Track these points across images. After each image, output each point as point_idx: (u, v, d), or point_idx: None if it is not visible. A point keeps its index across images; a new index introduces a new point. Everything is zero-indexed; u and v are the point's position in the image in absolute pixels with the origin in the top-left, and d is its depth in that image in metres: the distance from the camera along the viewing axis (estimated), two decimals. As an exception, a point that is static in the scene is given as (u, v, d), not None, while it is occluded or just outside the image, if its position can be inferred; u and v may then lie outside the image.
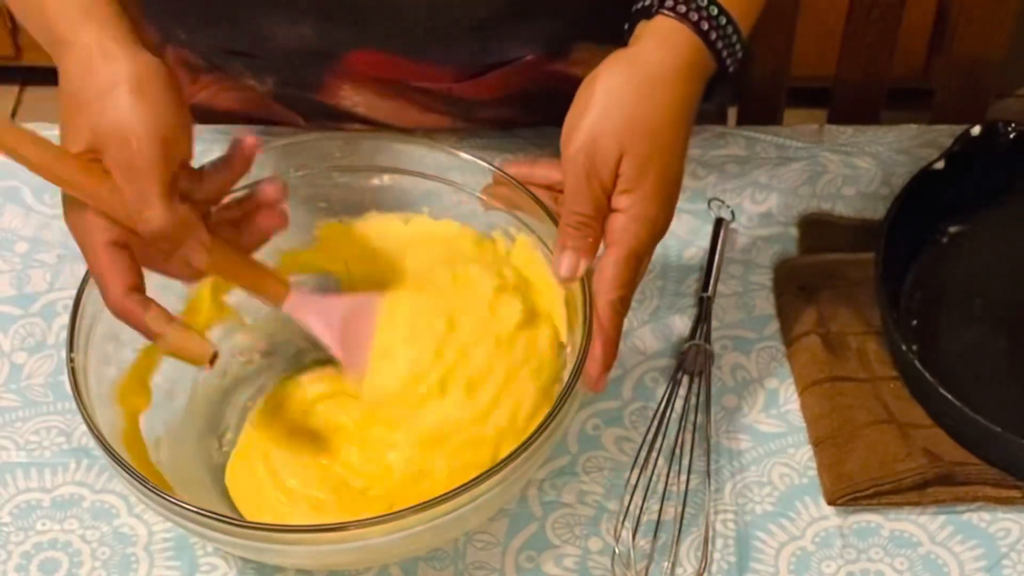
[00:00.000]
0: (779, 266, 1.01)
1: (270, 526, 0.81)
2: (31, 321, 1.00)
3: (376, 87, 1.05)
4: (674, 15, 0.85)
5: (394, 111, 1.07)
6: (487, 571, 0.87)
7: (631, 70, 0.84)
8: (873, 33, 1.30)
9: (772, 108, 1.35)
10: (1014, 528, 0.88)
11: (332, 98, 1.07)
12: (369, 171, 0.94)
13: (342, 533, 0.77)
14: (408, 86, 1.04)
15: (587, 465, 0.92)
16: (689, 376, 0.95)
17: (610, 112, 0.83)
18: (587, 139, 0.83)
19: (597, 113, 0.83)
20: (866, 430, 0.91)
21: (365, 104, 1.07)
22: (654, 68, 0.84)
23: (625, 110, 0.83)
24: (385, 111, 1.07)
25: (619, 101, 0.83)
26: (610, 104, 0.83)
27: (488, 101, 1.05)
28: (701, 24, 0.85)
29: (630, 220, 0.83)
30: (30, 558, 0.88)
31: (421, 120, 1.07)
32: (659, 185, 0.83)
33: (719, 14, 0.85)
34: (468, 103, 1.05)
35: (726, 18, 0.85)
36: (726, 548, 0.88)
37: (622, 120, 0.83)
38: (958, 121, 1.06)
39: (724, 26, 0.85)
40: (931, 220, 1.01)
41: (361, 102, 1.07)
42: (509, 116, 1.08)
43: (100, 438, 0.79)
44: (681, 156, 0.85)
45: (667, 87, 0.84)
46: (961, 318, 0.98)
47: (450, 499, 0.76)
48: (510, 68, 1.02)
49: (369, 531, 0.77)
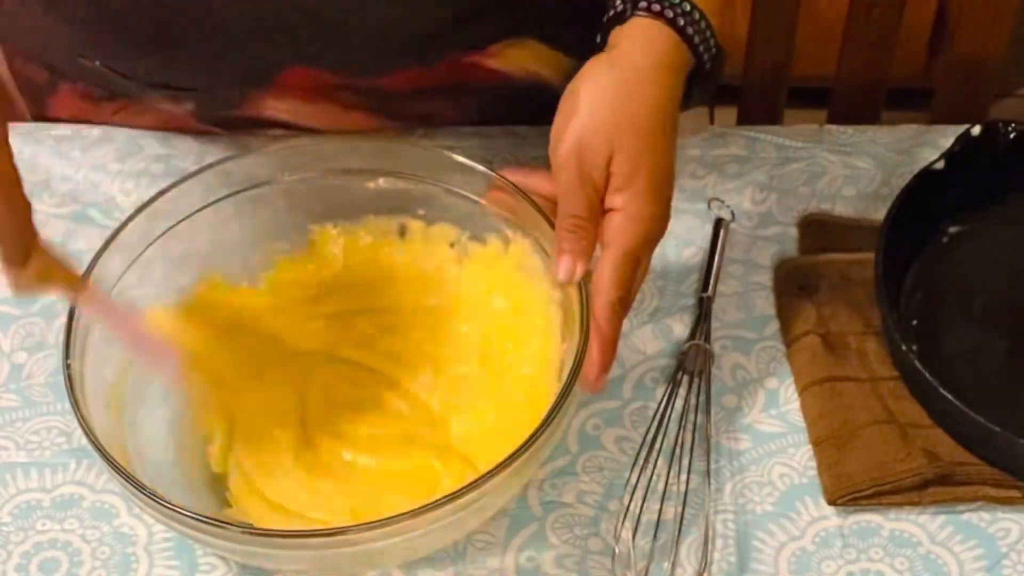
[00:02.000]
0: (779, 266, 1.01)
1: (266, 532, 0.81)
2: (31, 321, 1.00)
3: (300, 94, 1.05)
4: (648, 14, 0.86)
5: (317, 113, 1.06)
6: (487, 571, 0.87)
7: (612, 71, 0.86)
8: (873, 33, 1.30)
9: (772, 108, 1.36)
10: (1014, 528, 0.88)
11: (253, 110, 1.06)
12: (364, 174, 0.94)
13: (339, 538, 0.77)
14: (332, 86, 1.04)
15: (587, 465, 0.92)
16: (689, 376, 0.95)
17: (596, 113, 0.84)
18: (576, 142, 0.83)
19: (584, 116, 0.84)
20: (866, 430, 0.91)
21: (289, 111, 1.06)
22: (635, 67, 0.85)
23: (611, 109, 0.84)
24: (309, 114, 1.06)
25: (604, 102, 0.84)
26: (595, 106, 0.84)
27: (409, 94, 1.05)
28: (676, 20, 0.86)
29: (626, 219, 0.83)
30: (30, 558, 0.88)
31: (345, 120, 1.07)
32: (652, 181, 0.83)
33: (692, 9, 0.87)
34: (390, 96, 1.05)
35: (699, 13, 0.87)
36: (726, 548, 0.88)
37: (609, 120, 0.83)
38: (958, 121, 1.06)
39: (698, 20, 0.87)
40: (931, 220, 1.01)
41: (285, 109, 1.06)
42: (432, 111, 1.08)
43: (96, 444, 0.79)
44: (670, 151, 0.85)
45: (649, 84, 0.85)
46: (961, 318, 0.98)
47: (448, 503, 0.76)
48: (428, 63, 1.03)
49: (366, 536, 0.76)
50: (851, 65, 1.34)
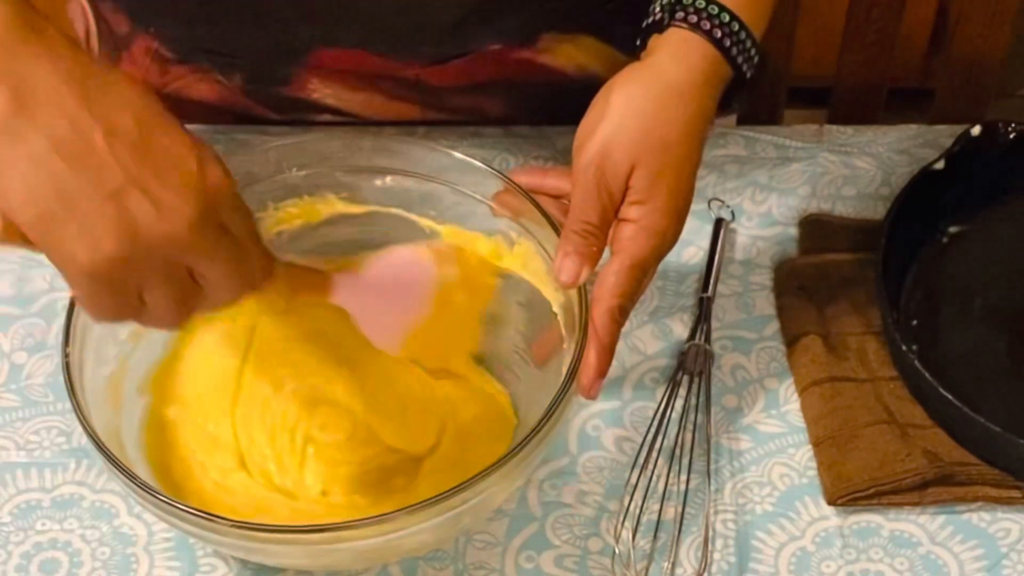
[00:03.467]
0: (779, 266, 1.01)
1: (266, 527, 0.81)
2: (31, 321, 1.00)
3: (344, 79, 1.05)
4: (687, 26, 0.84)
5: (364, 101, 1.07)
6: (487, 571, 0.87)
7: (648, 82, 0.84)
8: (873, 33, 1.30)
9: (772, 108, 1.36)
10: (1014, 528, 0.88)
11: (301, 91, 1.07)
12: (371, 172, 0.94)
13: (336, 533, 0.77)
14: (376, 75, 1.04)
15: (587, 465, 0.92)
16: (689, 376, 0.95)
17: (625, 124, 0.82)
18: (600, 149, 0.82)
19: (612, 124, 0.83)
20: (866, 430, 0.91)
21: (334, 96, 1.07)
22: (670, 81, 0.84)
23: (639, 122, 0.83)
24: (355, 102, 1.07)
25: (634, 113, 0.83)
26: (625, 115, 0.83)
27: (455, 88, 1.05)
28: (714, 32, 0.84)
29: (639, 230, 0.82)
30: (30, 558, 0.88)
31: (391, 109, 1.07)
32: (670, 199, 0.83)
33: (731, 20, 0.85)
34: (436, 90, 1.05)
35: (739, 24, 0.85)
36: (726, 548, 0.88)
37: (636, 132, 0.82)
38: (958, 121, 1.06)
39: (737, 32, 0.85)
40: (931, 220, 1.01)
41: (330, 94, 1.07)
42: (478, 104, 1.08)
43: (92, 434, 0.79)
44: (693, 170, 0.84)
45: (683, 100, 0.83)
46: (961, 318, 0.98)
47: (444, 500, 0.76)
48: (476, 55, 1.02)
49: (362, 532, 0.76)
50: (851, 65, 1.34)
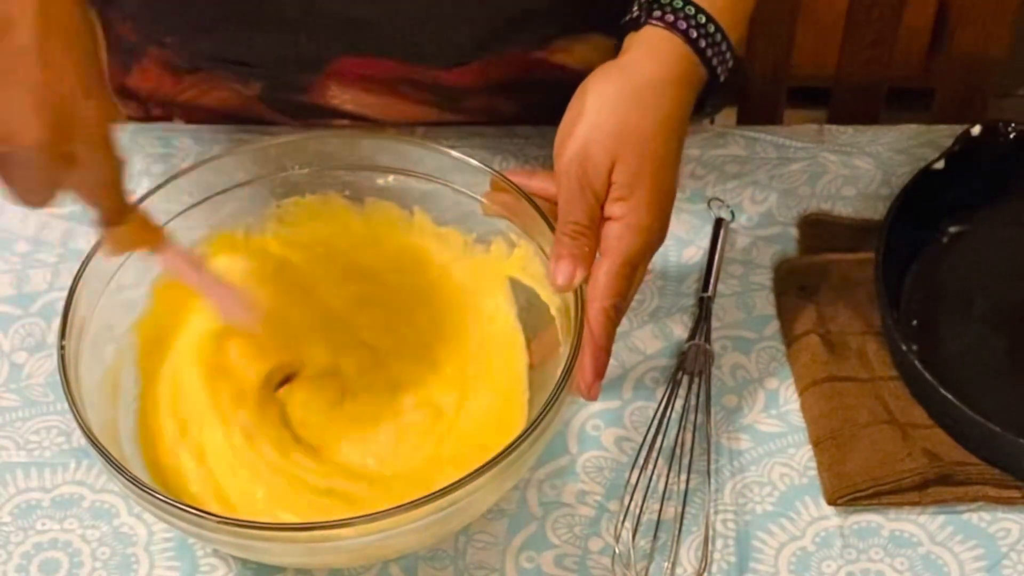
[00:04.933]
0: (779, 266, 1.01)
1: (264, 524, 0.81)
2: (31, 321, 1.00)
3: (363, 84, 1.06)
4: (662, 24, 0.85)
5: (382, 105, 1.07)
6: (487, 571, 0.87)
7: (622, 80, 0.85)
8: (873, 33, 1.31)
9: (772, 108, 1.36)
10: (1014, 528, 0.88)
11: (319, 98, 1.07)
12: (372, 170, 0.94)
13: (334, 531, 0.77)
14: (395, 79, 1.05)
15: (587, 465, 0.92)
16: (689, 376, 0.95)
17: (601, 121, 0.83)
18: (579, 148, 0.83)
19: (588, 123, 0.84)
20: (866, 430, 0.91)
21: (353, 101, 1.07)
22: (644, 77, 0.85)
23: (616, 118, 0.83)
24: (373, 106, 1.07)
25: (611, 110, 0.84)
26: (601, 113, 0.84)
27: (473, 89, 1.06)
28: (690, 32, 0.85)
29: (624, 228, 0.83)
30: (30, 558, 0.88)
31: (409, 112, 1.08)
32: (652, 194, 0.83)
33: (707, 22, 0.86)
34: (452, 91, 1.06)
35: (715, 26, 0.86)
36: (726, 548, 0.88)
37: (613, 128, 0.83)
38: (958, 121, 1.06)
39: (713, 34, 0.86)
40: (931, 220, 1.01)
41: (349, 99, 1.07)
42: (495, 105, 1.08)
43: (86, 429, 0.79)
44: (674, 165, 0.85)
45: (658, 96, 0.84)
46: (961, 318, 0.98)
47: (438, 498, 0.76)
48: (493, 57, 1.03)
49: (358, 529, 0.76)
50: (851, 65, 1.34)
